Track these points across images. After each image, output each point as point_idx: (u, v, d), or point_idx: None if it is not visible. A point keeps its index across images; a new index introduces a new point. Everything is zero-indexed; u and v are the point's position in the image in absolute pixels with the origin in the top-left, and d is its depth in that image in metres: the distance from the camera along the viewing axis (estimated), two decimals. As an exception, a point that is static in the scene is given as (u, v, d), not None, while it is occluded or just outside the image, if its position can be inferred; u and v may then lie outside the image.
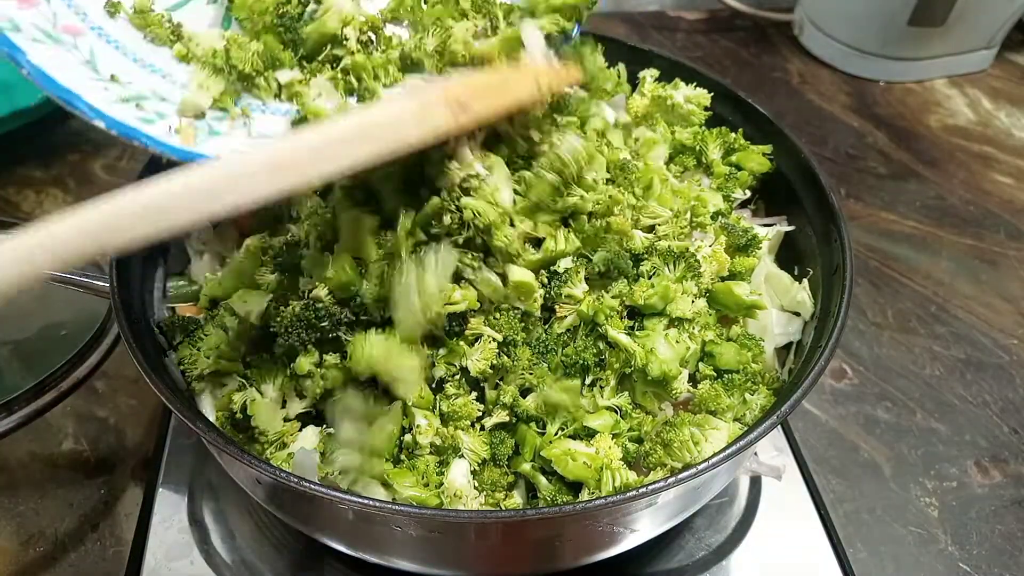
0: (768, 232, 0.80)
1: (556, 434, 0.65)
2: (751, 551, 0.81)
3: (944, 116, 1.46)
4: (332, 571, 0.78)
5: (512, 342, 0.66)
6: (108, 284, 0.68)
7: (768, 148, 0.84)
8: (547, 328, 0.68)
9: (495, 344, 0.65)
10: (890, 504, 0.87)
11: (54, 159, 1.23)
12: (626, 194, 0.72)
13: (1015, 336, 1.06)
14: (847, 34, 1.54)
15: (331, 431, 0.66)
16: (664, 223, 0.74)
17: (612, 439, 0.65)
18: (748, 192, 0.84)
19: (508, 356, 0.65)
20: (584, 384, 0.67)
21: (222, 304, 0.72)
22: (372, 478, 0.63)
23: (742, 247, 0.77)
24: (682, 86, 0.86)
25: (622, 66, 0.88)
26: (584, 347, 0.66)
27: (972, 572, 0.82)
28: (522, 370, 0.65)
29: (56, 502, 0.82)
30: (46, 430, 0.88)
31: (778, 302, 0.78)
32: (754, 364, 0.70)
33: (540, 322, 0.68)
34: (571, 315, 0.68)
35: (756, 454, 0.73)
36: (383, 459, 0.64)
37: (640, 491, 0.55)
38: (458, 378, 0.67)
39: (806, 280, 0.76)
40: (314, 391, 0.66)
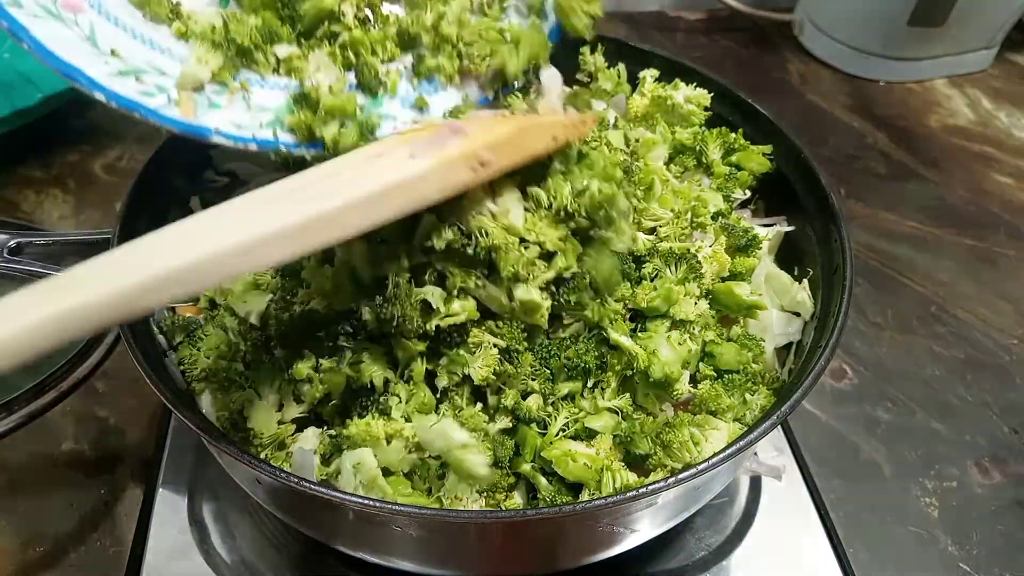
0: (768, 232, 0.80)
1: (557, 435, 0.65)
2: (751, 551, 0.81)
3: (944, 116, 1.46)
4: (332, 571, 0.78)
5: (515, 349, 0.66)
6: (108, 284, 0.68)
7: (768, 148, 0.84)
8: (551, 334, 0.68)
9: (496, 351, 0.65)
10: (890, 504, 0.87)
11: (54, 159, 1.23)
12: (630, 197, 0.72)
13: (1015, 336, 1.06)
14: (847, 34, 1.54)
15: (332, 432, 0.66)
16: (665, 224, 0.74)
17: (613, 440, 0.65)
18: (748, 192, 0.84)
19: (511, 362, 0.65)
20: (585, 386, 0.67)
21: (222, 304, 0.72)
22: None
23: (742, 247, 0.77)
24: (682, 86, 0.86)
25: (622, 66, 0.88)
26: (586, 350, 0.66)
27: (972, 572, 0.82)
28: (524, 376, 0.65)
29: (56, 502, 0.82)
30: (46, 430, 0.88)
31: (778, 302, 0.78)
32: (754, 364, 0.70)
33: (544, 332, 0.68)
34: (577, 321, 0.68)
35: (756, 454, 0.73)
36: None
37: (640, 491, 0.55)
38: (462, 388, 0.66)
39: (806, 280, 0.76)
40: (312, 396, 0.66)
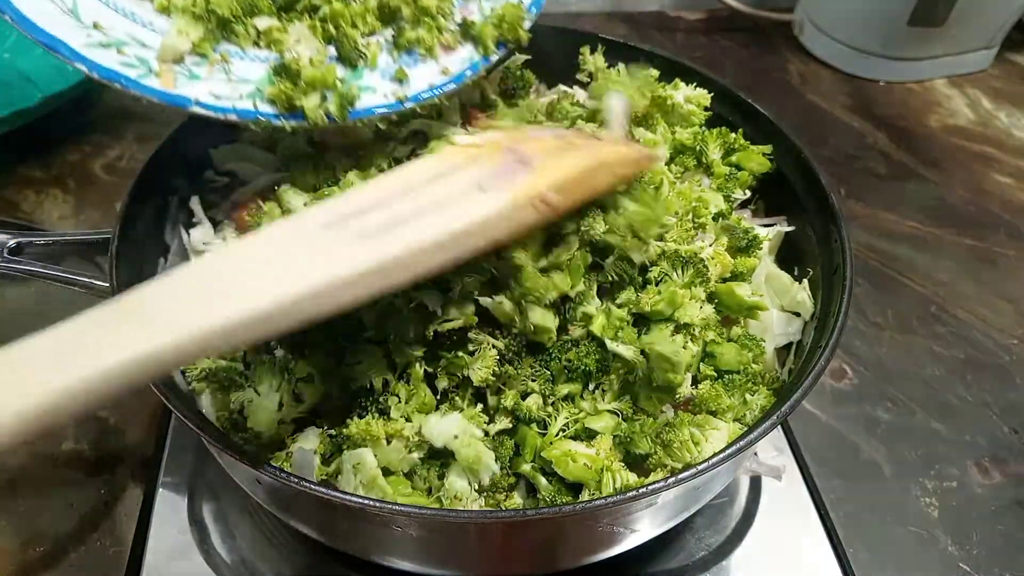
0: (768, 232, 0.80)
1: (557, 435, 0.65)
2: (751, 551, 0.81)
3: (944, 116, 1.46)
4: (332, 571, 0.78)
5: (515, 353, 0.66)
6: (108, 284, 0.68)
7: (768, 148, 0.84)
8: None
9: (495, 351, 0.65)
10: (890, 504, 0.87)
11: (54, 159, 1.23)
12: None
13: (1015, 336, 1.06)
14: (847, 34, 1.54)
15: (332, 432, 0.66)
16: (670, 228, 0.73)
17: (613, 440, 0.65)
18: (748, 192, 0.84)
19: (510, 364, 0.65)
20: (586, 387, 0.67)
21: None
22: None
23: (743, 248, 0.77)
24: (682, 86, 0.86)
25: (622, 66, 0.88)
26: (586, 352, 0.66)
27: (972, 572, 0.81)
28: (524, 377, 0.65)
29: (56, 502, 0.82)
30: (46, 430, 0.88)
31: (778, 302, 0.78)
32: (755, 364, 0.70)
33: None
34: (582, 329, 0.68)
35: (756, 454, 0.73)
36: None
37: (640, 491, 0.55)
38: (462, 389, 0.67)
39: (806, 280, 0.76)
40: (312, 396, 0.66)
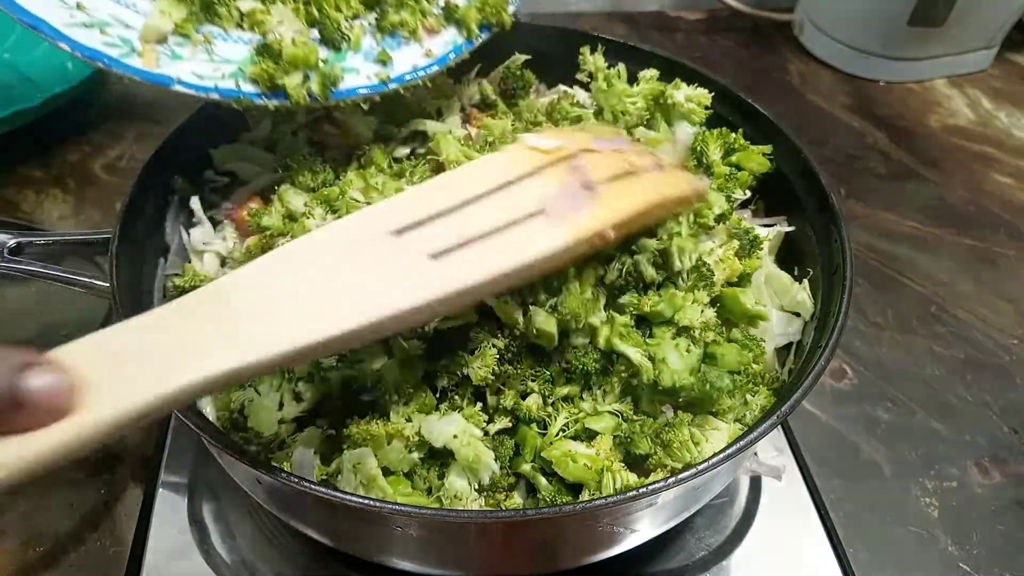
0: (768, 232, 0.80)
1: (557, 435, 0.65)
2: (751, 551, 0.81)
3: (944, 116, 1.46)
4: (332, 571, 0.78)
5: (515, 352, 0.66)
6: (108, 284, 0.68)
7: (768, 148, 0.84)
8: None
9: (495, 350, 0.65)
10: (890, 504, 0.87)
11: (54, 159, 1.23)
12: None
13: (1015, 336, 1.06)
14: (847, 34, 1.54)
15: (332, 432, 0.66)
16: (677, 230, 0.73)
17: (613, 440, 0.65)
18: (748, 192, 0.84)
19: (510, 363, 0.65)
20: (586, 388, 0.67)
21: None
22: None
23: (743, 248, 0.77)
24: (682, 86, 0.86)
25: (622, 66, 0.88)
26: (585, 353, 0.66)
27: (972, 572, 0.81)
28: (524, 376, 0.65)
29: (56, 502, 0.82)
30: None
31: (778, 302, 0.78)
32: (755, 365, 0.70)
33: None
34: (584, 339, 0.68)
35: (756, 454, 0.73)
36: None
37: (640, 491, 0.55)
38: (462, 388, 0.66)
39: (806, 280, 0.76)
40: (312, 396, 0.66)
